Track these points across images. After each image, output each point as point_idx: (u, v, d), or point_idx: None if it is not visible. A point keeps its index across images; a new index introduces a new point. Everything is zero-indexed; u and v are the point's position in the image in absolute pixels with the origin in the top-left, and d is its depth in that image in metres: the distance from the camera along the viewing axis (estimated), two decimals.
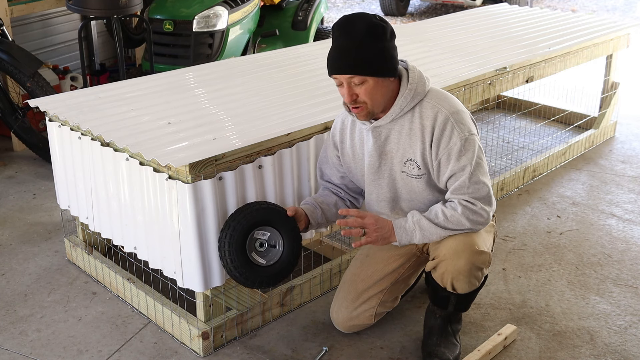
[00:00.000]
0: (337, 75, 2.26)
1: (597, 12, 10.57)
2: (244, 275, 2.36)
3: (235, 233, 2.33)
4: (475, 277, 2.37)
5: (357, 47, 2.20)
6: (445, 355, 2.47)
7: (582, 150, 4.49)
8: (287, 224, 2.42)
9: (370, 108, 2.30)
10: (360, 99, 2.27)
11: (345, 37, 2.22)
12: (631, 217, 3.64)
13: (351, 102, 2.28)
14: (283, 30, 5.46)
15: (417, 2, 11.21)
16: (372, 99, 2.27)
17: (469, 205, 2.27)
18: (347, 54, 2.21)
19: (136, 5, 4.49)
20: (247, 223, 2.35)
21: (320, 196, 2.59)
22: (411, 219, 2.32)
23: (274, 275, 2.41)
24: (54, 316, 2.80)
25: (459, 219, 2.27)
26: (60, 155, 2.98)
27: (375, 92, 2.26)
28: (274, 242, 2.42)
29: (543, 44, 4.05)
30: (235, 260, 2.34)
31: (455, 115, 2.30)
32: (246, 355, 2.56)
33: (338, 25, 2.26)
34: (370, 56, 2.21)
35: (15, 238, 3.44)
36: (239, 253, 2.34)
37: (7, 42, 4.21)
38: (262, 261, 2.41)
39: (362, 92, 2.26)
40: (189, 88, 3.18)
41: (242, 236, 2.35)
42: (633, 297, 2.93)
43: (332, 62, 2.26)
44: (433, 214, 2.31)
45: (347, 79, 2.24)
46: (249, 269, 2.37)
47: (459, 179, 2.28)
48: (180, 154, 2.36)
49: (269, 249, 2.42)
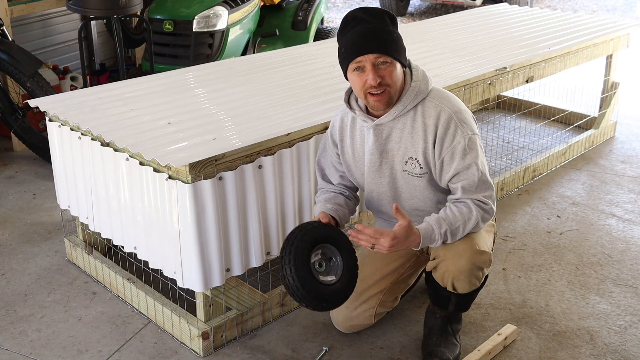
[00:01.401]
0: (362, 57, 2.21)
1: (597, 12, 10.57)
2: (323, 300, 2.23)
3: (296, 262, 2.19)
4: (476, 277, 2.37)
5: (382, 29, 2.21)
6: (445, 355, 2.47)
7: (582, 150, 4.49)
8: (332, 234, 2.32)
9: (393, 93, 2.27)
10: (385, 81, 2.23)
11: (368, 21, 2.22)
12: (631, 217, 3.64)
13: (376, 84, 2.22)
14: (283, 30, 5.46)
15: (417, 2, 11.21)
16: (394, 83, 2.25)
17: (482, 205, 2.28)
18: (375, 33, 2.20)
19: (136, 5, 4.49)
20: (303, 251, 2.22)
21: (332, 198, 2.52)
22: (438, 230, 2.25)
23: (347, 283, 2.30)
24: (54, 316, 2.80)
25: (476, 220, 2.28)
26: (60, 155, 2.98)
27: (396, 78, 2.26)
28: (329, 256, 2.33)
29: (543, 44, 4.05)
30: (306, 286, 2.19)
31: (458, 114, 2.30)
32: (246, 355, 2.56)
33: (354, 14, 2.25)
34: (395, 40, 2.24)
35: (15, 238, 3.44)
36: (308, 280, 2.20)
37: (7, 42, 4.22)
38: (331, 278, 2.29)
39: (388, 74, 2.23)
40: (189, 88, 3.18)
41: (305, 264, 2.21)
42: (633, 297, 2.93)
43: (358, 43, 2.21)
44: (452, 219, 2.26)
45: (373, 60, 2.20)
46: (322, 291, 2.24)
47: (468, 178, 2.27)
48: (180, 154, 2.36)
49: (328, 265, 2.32)
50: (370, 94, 2.26)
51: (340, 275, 2.30)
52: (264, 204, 2.56)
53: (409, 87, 2.31)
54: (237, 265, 2.52)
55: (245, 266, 2.56)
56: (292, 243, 2.24)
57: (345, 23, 2.27)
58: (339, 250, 2.32)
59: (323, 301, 2.24)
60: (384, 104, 2.28)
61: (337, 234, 2.34)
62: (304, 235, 2.25)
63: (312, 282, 2.22)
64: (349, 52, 2.24)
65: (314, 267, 2.28)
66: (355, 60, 2.23)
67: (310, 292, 2.21)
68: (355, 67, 2.24)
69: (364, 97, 2.29)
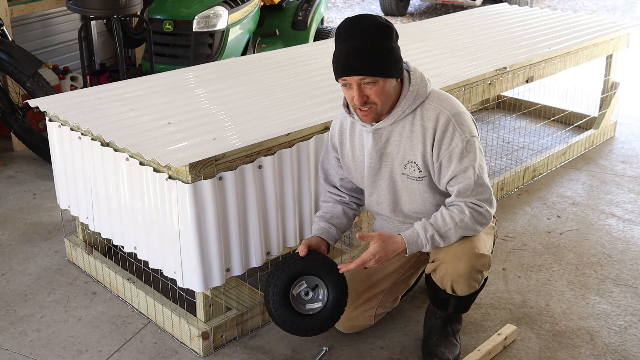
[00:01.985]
0: (347, 78, 2.22)
1: (597, 12, 10.57)
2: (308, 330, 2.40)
3: (277, 298, 2.36)
4: (475, 279, 2.37)
5: (368, 47, 2.18)
6: (445, 355, 2.46)
7: (582, 150, 4.49)
8: (310, 266, 2.40)
9: (380, 109, 2.28)
10: (370, 100, 2.24)
11: (355, 37, 2.19)
12: (631, 217, 3.64)
13: (362, 104, 2.24)
14: (283, 30, 5.46)
15: (417, 2, 11.21)
16: (382, 100, 2.25)
17: (476, 208, 2.27)
18: (359, 54, 2.18)
19: (136, 5, 4.49)
20: (281, 289, 2.36)
21: (327, 213, 2.55)
22: (423, 235, 2.28)
23: (334, 309, 2.41)
24: (54, 316, 2.80)
25: (468, 223, 2.26)
26: (60, 155, 2.98)
27: (384, 93, 2.25)
28: (313, 285, 2.42)
29: (543, 44, 4.05)
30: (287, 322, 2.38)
31: (457, 116, 2.30)
32: (246, 355, 2.56)
33: (345, 26, 2.22)
34: (382, 57, 2.19)
35: (15, 238, 3.44)
36: (289, 314, 2.37)
37: (7, 42, 4.22)
38: (319, 305, 2.41)
39: (373, 93, 2.23)
40: (189, 88, 3.18)
41: (284, 299, 2.37)
42: (633, 297, 2.93)
43: (343, 63, 2.21)
44: (441, 222, 2.28)
45: (358, 80, 2.21)
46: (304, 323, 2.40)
47: (464, 181, 2.27)
48: (180, 154, 2.36)
49: (315, 292, 2.42)
50: (358, 108, 2.29)
51: (327, 300, 2.41)
52: (264, 204, 2.56)
53: (407, 91, 2.31)
54: (237, 265, 2.52)
55: (245, 266, 2.56)
56: (269, 284, 2.38)
57: (338, 33, 2.25)
58: (320, 278, 2.40)
59: (309, 331, 2.41)
60: (371, 119, 2.31)
61: (314, 265, 2.39)
62: (281, 274, 2.37)
63: (293, 317, 2.38)
64: (336, 69, 2.26)
65: (301, 297, 2.41)
66: (341, 78, 2.25)
67: (292, 327, 2.39)
68: (343, 83, 2.26)
69: (354, 109, 2.33)
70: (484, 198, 2.29)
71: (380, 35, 2.20)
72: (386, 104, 2.28)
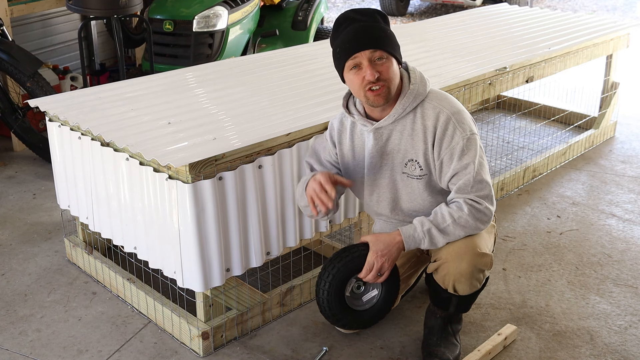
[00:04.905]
0: (359, 54, 2.23)
1: (597, 12, 10.57)
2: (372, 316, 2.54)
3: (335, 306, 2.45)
4: (477, 279, 2.37)
5: (375, 26, 2.25)
6: (445, 355, 2.47)
7: (582, 150, 4.49)
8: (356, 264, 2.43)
9: (392, 88, 2.28)
10: (382, 76, 2.24)
11: (359, 20, 2.25)
12: (631, 217, 3.64)
13: (374, 79, 2.23)
14: (283, 30, 5.46)
15: (417, 2, 11.21)
16: (391, 79, 2.26)
17: (474, 205, 2.27)
18: (367, 30, 2.23)
19: (136, 5, 4.49)
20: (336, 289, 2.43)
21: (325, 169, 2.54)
22: (420, 229, 2.30)
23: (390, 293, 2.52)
24: (54, 316, 2.80)
25: (467, 220, 2.26)
26: (60, 155, 2.98)
27: (394, 73, 2.27)
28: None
29: (543, 44, 4.05)
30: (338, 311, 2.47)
31: (457, 115, 2.31)
32: (246, 355, 2.56)
33: (346, 14, 2.28)
34: (389, 35, 2.27)
35: (15, 238, 3.44)
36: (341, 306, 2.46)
37: (7, 42, 4.22)
38: (368, 298, 2.52)
39: (385, 69, 2.24)
40: (189, 88, 3.18)
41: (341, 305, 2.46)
42: (633, 297, 2.93)
43: (352, 41, 2.24)
44: (440, 218, 2.28)
45: (369, 56, 2.22)
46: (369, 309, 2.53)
47: (463, 178, 2.27)
48: (180, 154, 2.36)
49: (368, 287, 2.51)
50: (369, 89, 2.26)
51: (379, 293, 2.52)
52: (264, 204, 2.56)
53: (407, 89, 2.32)
54: (237, 265, 2.52)
55: (245, 266, 2.56)
56: (328, 274, 2.42)
57: (337, 25, 2.29)
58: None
59: (361, 324, 2.56)
60: (384, 99, 2.28)
61: (358, 263, 2.40)
62: (342, 266, 2.41)
63: (357, 319, 2.52)
64: (344, 50, 2.25)
65: (353, 290, 2.48)
66: (351, 58, 2.24)
67: (340, 320, 2.50)
68: (352, 65, 2.25)
69: (363, 94, 2.28)
70: (484, 195, 2.28)
71: (382, 19, 2.30)
72: (394, 86, 2.28)
